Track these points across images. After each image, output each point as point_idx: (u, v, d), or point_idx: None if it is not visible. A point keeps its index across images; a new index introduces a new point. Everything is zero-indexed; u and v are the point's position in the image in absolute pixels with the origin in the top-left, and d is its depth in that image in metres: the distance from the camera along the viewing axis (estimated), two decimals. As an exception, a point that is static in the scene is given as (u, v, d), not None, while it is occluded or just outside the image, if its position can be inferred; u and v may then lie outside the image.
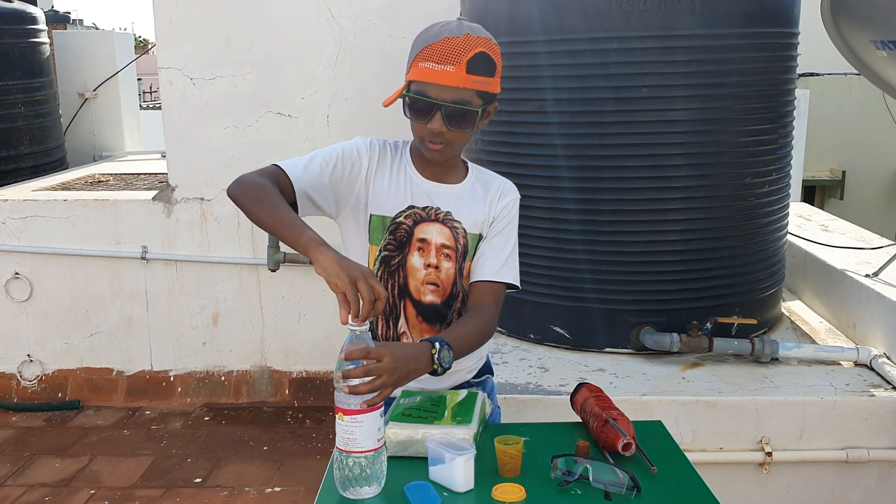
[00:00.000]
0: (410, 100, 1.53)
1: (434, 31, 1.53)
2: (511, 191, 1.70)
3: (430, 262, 1.63)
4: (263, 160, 3.95)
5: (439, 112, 1.51)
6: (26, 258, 4.11)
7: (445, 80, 1.48)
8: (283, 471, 3.45)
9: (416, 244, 1.63)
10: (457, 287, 1.66)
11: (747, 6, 2.55)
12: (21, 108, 5.13)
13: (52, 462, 3.55)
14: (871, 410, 2.34)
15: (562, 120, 2.62)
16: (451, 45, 1.48)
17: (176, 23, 3.93)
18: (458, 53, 1.48)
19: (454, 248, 1.64)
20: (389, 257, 1.64)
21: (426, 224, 1.63)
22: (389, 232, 1.63)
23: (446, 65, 1.48)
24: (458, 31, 1.51)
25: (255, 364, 4.19)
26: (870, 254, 3.09)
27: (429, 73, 1.49)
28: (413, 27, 1.63)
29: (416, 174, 1.64)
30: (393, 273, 1.64)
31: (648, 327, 2.64)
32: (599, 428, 1.54)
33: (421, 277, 1.64)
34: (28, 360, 4.19)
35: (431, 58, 1.49)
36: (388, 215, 1.63)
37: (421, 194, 1.63)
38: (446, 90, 1.49)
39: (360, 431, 1.36)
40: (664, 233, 2.61)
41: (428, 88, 1.50)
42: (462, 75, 1.48)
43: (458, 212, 1.64)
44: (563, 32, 2.56)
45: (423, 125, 1.54)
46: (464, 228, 1.64)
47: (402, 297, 1.65)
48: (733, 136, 2.61)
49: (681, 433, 2.33)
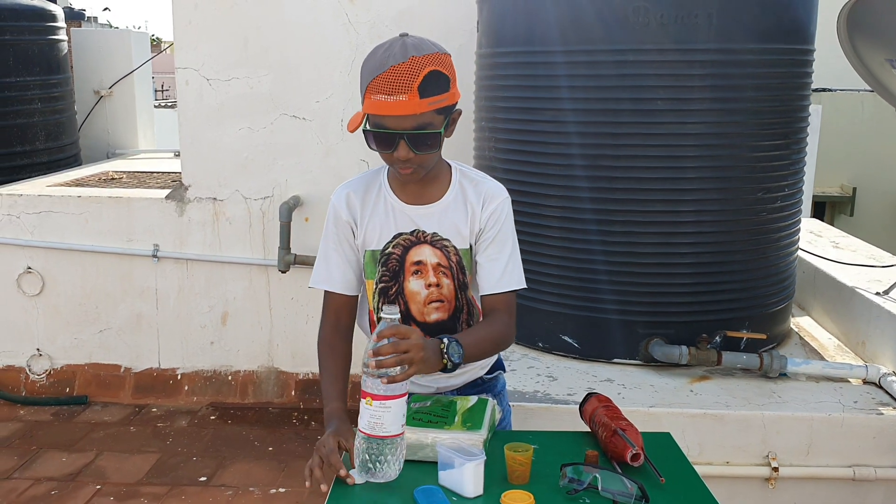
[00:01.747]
0: (372, 133, 1.51)
1: (378, 60, 1.47)
2: (496, 195, 1.65)
3: (430, 282, 1.64)
4: (277, 162, 4.02)
5: (402, 140, 1.49)
6: (39, 253, 4.14)
7: (401, 110, 1.45)
8: (287, 472, 3.46)
9: (411, 269, 1.64)
10: (460, 301, 1.68)
11: (764, 22, 2.56)
12: (38, 104, 5.18)
13: (58, 456, 3.57)
14: (880, 429, 2.33)
15: (578, 130, 2.63)
16: (398, 72, 1.44)
17: (194, 24, 3.97)
18: (407, 80, 1.44)
19: (448, 266, 1.64)
20: (386, 288, 1.66)
21: (417, 247, 1.64)
22: (381, 263, 1.65)
23: (398, 95, 1.44)
24: (403, 55, 1.45)
25: (262, 364, 4.21)
26: (880, 272, 3.09)
27: (382, 105, 1.45)
28: (429, 34, 1.64)
29: (397, 200, 1.64)
30: (393, 302, 1.65)
31: (657, 339, 2.64)
32: (609, 438, 1.54)
33: (422, 300, 1.65)
34: (37, 355, 4.22)
35: (381, 90, 1.45)
36: (377, 248, 1.65)
37: (404, 219, 1.63)
38: (404, 119, 1.46)
39: (387, 416, 1.40)
40: (676, 245, 2.62)
41: (385, 120, 1.48)
42: (416, 101, 1.45)
43: (443, 230, 1.63)
44: (580, 43, 2.58)
45: (390, 154, 1.52)
46: (454, 246, 1.64)
47: (407, 323, 1.66)
48: (747, 151, 2.61)
49: (688, 446, 2.33)
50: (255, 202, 4.07)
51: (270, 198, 4.06)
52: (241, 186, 4.06)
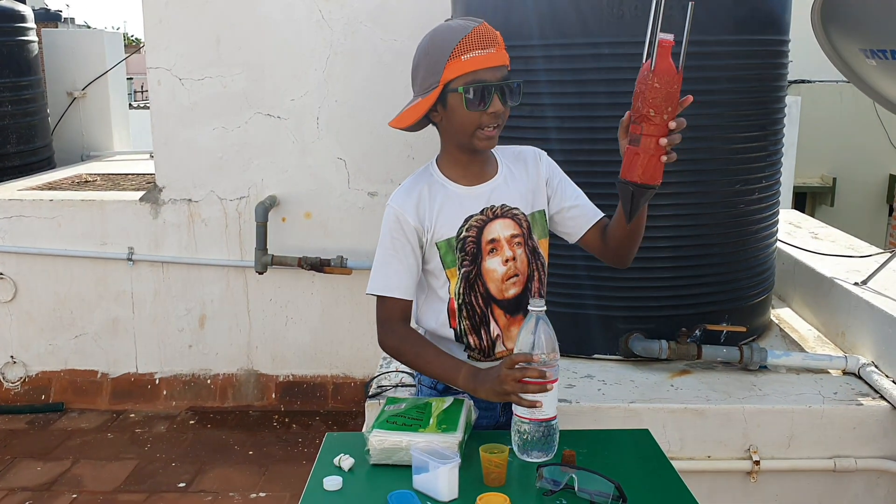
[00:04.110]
0: (471, 91, 1.55)
1: (454, 29, 1.58)
2: (538, 150, 1.77)
3: (507, 257, 1.68)
4: (252, 162, 3.97)
5: (496, 94, 1.56)
6: (11, 258, 4.06)
7: (495, 61, 1.56)
8: (268, 476, 3.42)
9: (487, 248, 1.67)
10: (531, 268, 1.71)
11: (738, 13, 2.54)
12: (8, 106, 5.09)
13: (33, 465, 3.50)
14: (860, 419, 2.33)
15: (556, 125, 2.60)
16: (483, 31, 1.57)
17: (165, 23, 3.90)
18: (493, 35, 1.57)
19: (521, 233, 1.69)
20: (468, 272, 1.68)
21: (489, 225, 1.67)
22: (459, 249, 1.66)
23: (489, 48, 1.56)
24: (474, 21, 1.59)
25: (241, 367, 4.16)
26: (859, 262, 3.09)
27: (479, 60, 1.55)
28: (404, 30, 1.63)
29: (458, 186, 1.68)
30: (472, 285, 1.68)
31: (637, 334, 2.62)
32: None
33: (499, 277, 1.68)
34: (11, 362, 4.14)
35: (474, 47, 1.55)
36: (451, 236, 1.66)
37: (471, 201, 1.67)
38: (497, 70, 1.57)
39: (545, 400, 1.48)
40: (654, 239, 2.59)
41: (481, 74, 1.55)
42: (503, 53, 1.58)
43: (510, 199, 1.69)
44: (556, 37, 2.55)
45: (481, 113, 1.57)
46: (522, 213, 1.69)
47: (488, 304, 1.69)
48: (723, 143, 2.60)
49: (669, 441, 2.31)
50: (230, 203, 4.02)
51: (246, 198, 4.00)
52: (216, 187, 4.01)
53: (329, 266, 3.85)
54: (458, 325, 1.69)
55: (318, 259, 3.86)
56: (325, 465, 1.51)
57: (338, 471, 1.49)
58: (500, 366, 1.52)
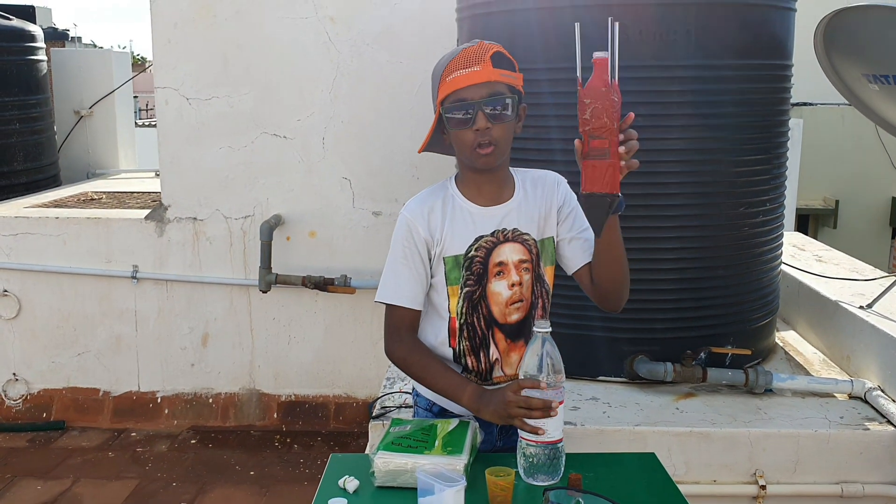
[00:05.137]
0: (451, 109, 1.57)
1: (452, 51, 1.61)
2: (559, 177, 1.75)
3: (513, 282, 1.67)
4: (258, 181, 3.99)
5: (480, 111, 1.56)
6: (15, 275, 4.07)
7: (475, 78, 1.55)
8: (269, 496, 3.39)
9: (494, 270, 1.66)
10: (535, 295, 1.70)
11: (742, 38, 2.56)
12: (16, 124, 5.12)
13: (33, 484, 3.48)
14: (866, 444, 2.31)
15: (562, 147, 2.61)
16: (470, 51, 1.57)
17: (174, 43, 3.94)
18: (479, 54, 1.57)
19: (529, 259, 1.68)
20: (471, 292, 1.67)
21: (499, 248, 1.66)
22: (465, 268, 1.66)
23: (472, 66, 1.55)
24: (471, 42, 1.60)
25: (243, 386, 4.14)
26: (863, 285, 3.09)
27: (459, 79, 1.55)
28: (410, 52, 1.65)
29: (473, 205, 1.68)
30: (476, 306, 1.67)
31: (642, 356, 2.61)
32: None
33: (504, 301, 1.67)
34: (13, 379, 4.13)
35: (457, 67, 1.56)
36: (459, 253, 1.66)
37: (483, 222, 1.67)
38: (480, 88, 1.56)
39: (551, 423, 1.48)
40: (659, 261, 2.60)
41: (462, 93, 1.56)
42: (489, 69, 1.55)
43: (522, 224, 1.69)
44: (561, 61, 2.57)
45: (469, 131, 1.57)
46: (533, 239, 1.69)
47: (490, 326, 1.68)
48: (727, 167, 2.61)
49: (674, 465, 2.30)
50: (235, 221, 4.03)
51: (251, 217, 4.02)
52: (221, 206, 4.02)
53: (333, 285, 3.86)
54: (457, 344, 1.69)
55: (322, 278, 3.86)
56: (329, 486, 1.50)
57: (342, 493, 1.48)
58: (506, 389, 1.52)
